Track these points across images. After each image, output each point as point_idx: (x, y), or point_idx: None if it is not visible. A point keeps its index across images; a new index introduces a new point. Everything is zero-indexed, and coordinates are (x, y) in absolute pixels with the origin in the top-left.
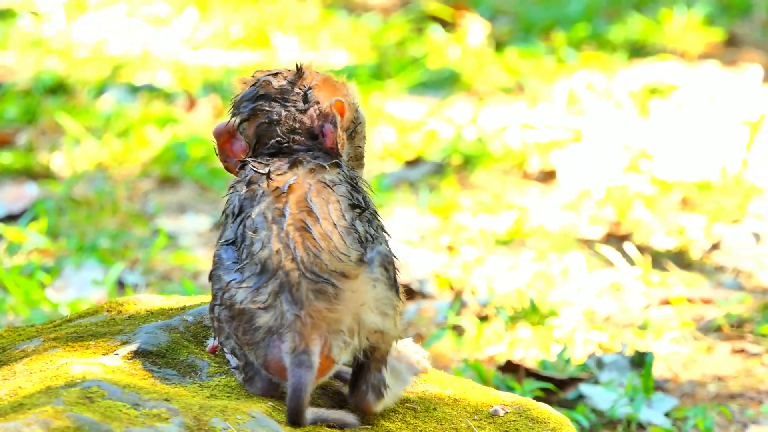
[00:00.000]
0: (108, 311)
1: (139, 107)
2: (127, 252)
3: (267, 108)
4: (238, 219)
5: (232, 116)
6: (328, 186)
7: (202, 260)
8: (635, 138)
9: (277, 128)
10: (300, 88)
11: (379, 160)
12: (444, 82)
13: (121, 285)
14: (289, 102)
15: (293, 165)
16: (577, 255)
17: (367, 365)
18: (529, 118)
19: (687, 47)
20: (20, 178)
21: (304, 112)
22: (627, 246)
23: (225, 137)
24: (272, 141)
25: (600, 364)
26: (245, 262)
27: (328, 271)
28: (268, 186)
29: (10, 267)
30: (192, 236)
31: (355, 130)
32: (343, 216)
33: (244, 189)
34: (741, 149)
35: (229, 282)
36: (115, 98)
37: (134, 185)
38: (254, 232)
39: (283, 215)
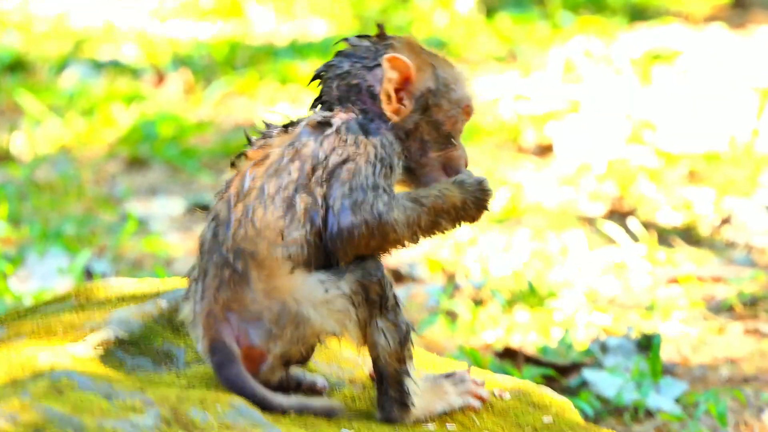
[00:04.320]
0: (76, 297)
1: (104, 84)
2: (95, 238)
3: (336, 63)
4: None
5: (314, 77)
6: (299, 149)
7: (176, 246)
8: (637, 107)
9: (338, 82)
10: (374, 47)
11: None
12: None
13: (88, 274)
14: (357, 58)
15: (294, 123)
16: (577, 233)
17: (381, 380)
18: (522, 89)
19: (691, 9)
20: None
21: (369, 69)
22: (631, 222)
23: None
24: (330, 96)
25: (604, 348)
26: None
27: (234, 250)
28: (246, 156)
29: None
30: (164, 221)
31: (436, 102)
32: (289, 186)
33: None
34: (751, 118)
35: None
36: (77, 75)
37: (100, 167)
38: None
39: (243, 184)
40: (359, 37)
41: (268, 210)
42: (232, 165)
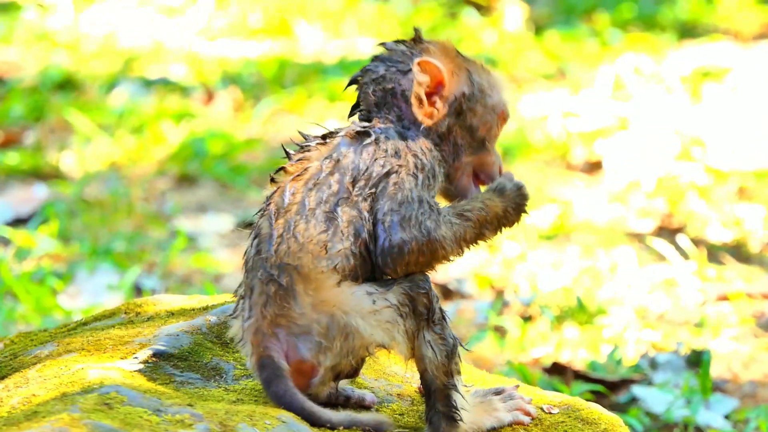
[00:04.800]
0: (126, 313)
1: (153, 102)
2: (144, 255)
3: (372, 68)
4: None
5: (350, 83)
6: (339, 159)
7: (224, 262)
8: (687, 124)
9: (373, 87)
10: (411, 52)
11: None
12: None
13: (138, 290)
14: (392, 63)
15: (333, 134)
16: (626, 249)
17: (429, 394)
18: (571, 106)
19: (740, 27)
20: (28, 180)
21: (404, 73)
22: (680, 239)
23: None
24: (368, 102)
25: (654, 364)
26: None
27: (278, 266)
28: (285, 171)
29: (20, 273)
30: (213, 237)
31: (471, 107)
32: (330, 199)
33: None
34: None
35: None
36: (127, 93)
37: (150, 184)
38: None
39: (283, 199)
40: (396, 41)
41: (309, 224)
42: (272, 180)
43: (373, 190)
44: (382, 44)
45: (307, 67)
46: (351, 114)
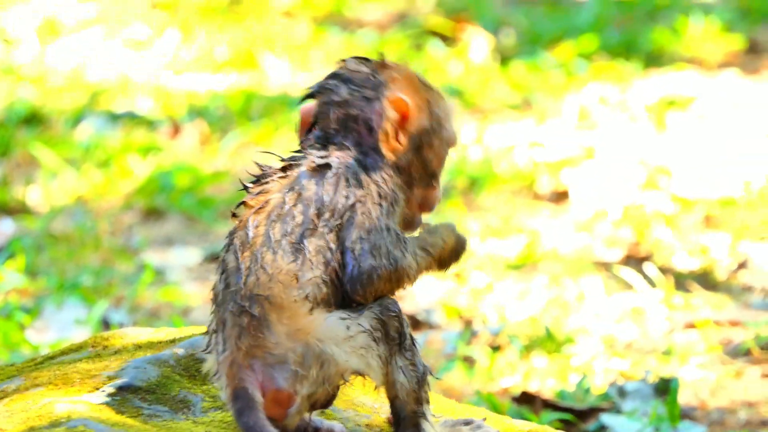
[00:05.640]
0: (93, 346)
1: (120, 136)
2: (112, 289)
3: (332, 87)
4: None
5: (306, 95)
6: (300, 192)
7: (192, 296)
8: (652, 153)
9: (335, 110)
10: (376, 78)
11: None
12: None
13: (105, 324)
14: (356, 86)
15: (292, 166)
16: (593, 279)
17: (399, 421)
18: (538, 136)
19: (705, 56)
20: None
21: (369, 101)
22: (647, 267)
23: (308, 117)
24: (326, 124)
25: (622, 392)
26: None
27: (249, 297)
28: (246, 204)
29: None
30: (181, 271)
31: (428, 141)
32: (295, 230)
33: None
34: (766, 162)
35: None
36: (93, 127)
37: (117, 218)
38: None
39: (246, 233)
40: (358, 60)
41: (277, 255)
42: (233, 216)
43: (339, 222)
44: (343, 61)
45: (273, 100)
46: (305, 134)
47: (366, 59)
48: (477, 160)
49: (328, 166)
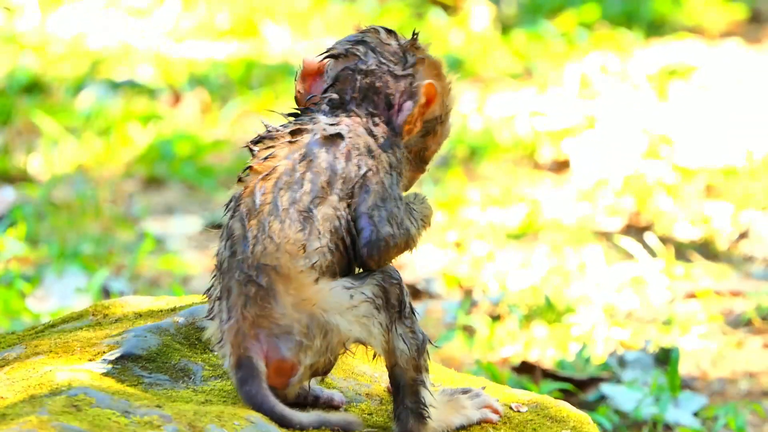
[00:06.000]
0: (93, 315)
1: (121, 104)
2: (112, 258)
3: (361, 55)
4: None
5: (326, 54)
6: (312, 160)
7: (193, 264)
8: (654, 123)
9: (359, 78)
10: (405, 55)
11: None
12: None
13: (106, 293)
14: (385, 59)
15: (301, 131)
16: (594, 248)
17: (398, 390)
18: (538, 105)
19: (707, 25)
20: None
21: (395, 77)
22: (648, 237)
23: (312, 70)
24: (344, 89)
25: (622, 362)
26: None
27: (255, 267)
28: (253, 169)
29: None
30: (181, 239)
31: (434, 129)
32: (304, 199)
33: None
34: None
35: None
36: (94, 95)
37: (117, 187)
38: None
39: (254, 200)
40: (388, 32)
41: (284, 224)
42: (239, 180)
43: (351, 190)
44: (373, 29)
45: (274, 68)
46: (325, 92)
47: (394, 33)
48: (478, 130)
49: (340, 135)
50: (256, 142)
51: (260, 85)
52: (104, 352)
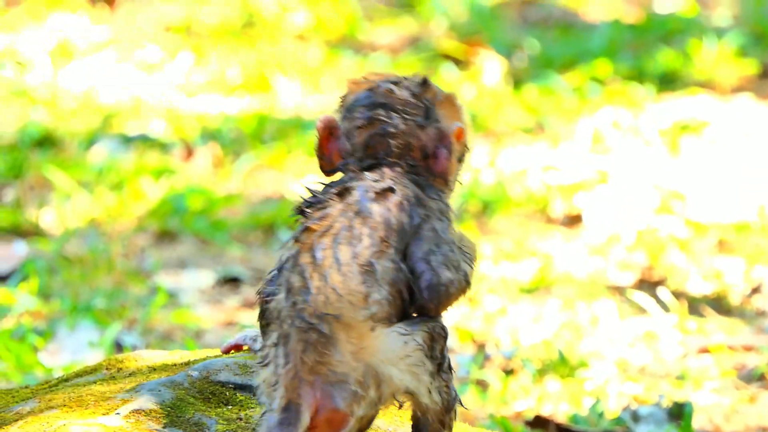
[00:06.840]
0: (107, 369)
1: (133, 158)
2: (125, 312)
3: (385, 118)
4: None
5: (343, 119)
6: (367, 216)
7: (205, 318)
8: (666, 178)
9: (392, 141)
10: (423, 102)
11: None
12: None
13: (118, 347)
14: (409, 115)
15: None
16: (607, 303)
17: None
18: (551, 160)
19: (719, 80)
20: (8, 237)
21: (422, 128)
22: (661, 292)
23: (327, 133)
24: (378, 152)
25: (636, 417)
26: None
27: (317, 316)
28: (310, 229)
29: (0, 331)
30: (193, 293)
31: (462, 156)
32: (364, 253)
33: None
34: None
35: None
36: (106, 150)
37: (130, 241)
38: (279, 270)
39: (313, 255)
40: (391, 82)
41: (346, 276)
42: (296, 240)
43: (407, 241)
44: (382, 83)
45: (286, 123)
46: (362, 163)
47: (398, 80)
48: (490, 184)
49: (391, 189)
50: (308, 204)
51: (272, 139)
52: (118, 406)
